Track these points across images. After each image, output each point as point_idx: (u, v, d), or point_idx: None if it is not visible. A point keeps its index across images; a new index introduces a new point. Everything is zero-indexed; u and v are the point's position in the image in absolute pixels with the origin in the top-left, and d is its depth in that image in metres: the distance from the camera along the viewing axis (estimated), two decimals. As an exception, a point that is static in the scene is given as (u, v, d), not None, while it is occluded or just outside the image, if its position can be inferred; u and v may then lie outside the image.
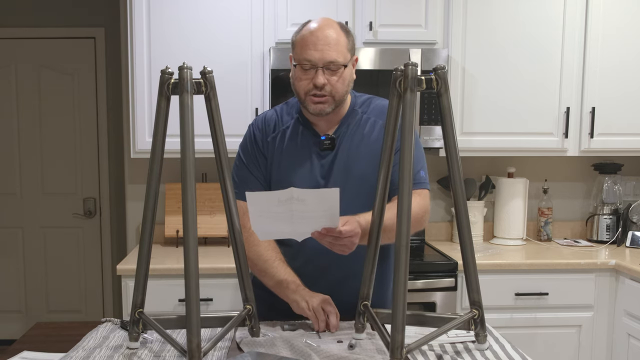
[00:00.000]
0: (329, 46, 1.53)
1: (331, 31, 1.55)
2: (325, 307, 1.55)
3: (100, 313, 4.02)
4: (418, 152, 1.65)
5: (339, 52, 1.54)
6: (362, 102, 1.70)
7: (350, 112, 1.67)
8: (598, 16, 2.78)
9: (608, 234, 3.04)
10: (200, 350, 1.19)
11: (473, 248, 1.38)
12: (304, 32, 1.57)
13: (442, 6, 2.74)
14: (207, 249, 2.83)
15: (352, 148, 1.64)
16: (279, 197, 1.29)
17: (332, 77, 1.55)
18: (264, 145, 1.69)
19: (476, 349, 1.40)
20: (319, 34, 1.54)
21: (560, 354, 2.64)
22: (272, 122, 1.71)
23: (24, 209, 3.97)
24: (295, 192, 1.28)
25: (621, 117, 2.83)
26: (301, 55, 1.55)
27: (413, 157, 1.21)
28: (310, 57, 1.53)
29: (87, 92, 3.90)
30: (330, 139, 1.64)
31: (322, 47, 1.53)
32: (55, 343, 1.45)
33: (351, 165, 1.63)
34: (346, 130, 1.66)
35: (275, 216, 1.32)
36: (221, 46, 2.69)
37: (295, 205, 1.30)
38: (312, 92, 1.56)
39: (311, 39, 1.54)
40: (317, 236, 1.38)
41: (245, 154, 1.71)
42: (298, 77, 1.57)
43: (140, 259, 1.37)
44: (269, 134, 1.69)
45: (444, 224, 3.19)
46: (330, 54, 1.53)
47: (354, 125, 1.66)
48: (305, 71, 1.55)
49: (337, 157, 1.64)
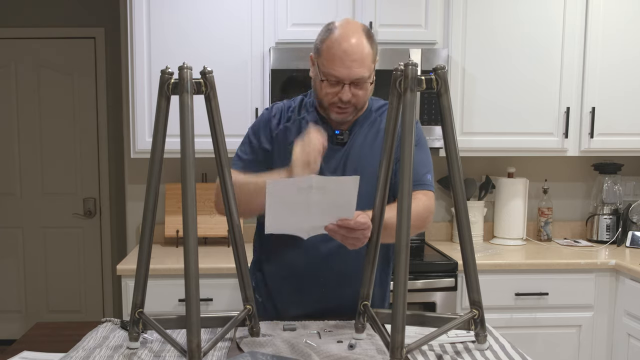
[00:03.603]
0: (356, 62, 1.51)
1: (358, 43, 1.52)
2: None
3: (100, 313, 4.01)
4: (425, 156, 1.66)
5: (365, 67, 1.53)
6: (378, 107, 1.71)
7: (367, 114, 1.68)
8: (598, 16, 2.78)
9: (608, 234, 3.04)
10: (200, 350, 1.19)
11: (473, 248, 1.38)
12: (331, 42, 1.53)
13: (442, 6, 2.74)
14: (207, 249, 2.83)
15: (365, 146, 1.65)
16: (298, 185, 1.29)
17: (358, 91, 1.55)
18: (278, 129, 1.67)
19: (476, 349, 1.40)
20: (346, 48, 1.50)
21: (560, 354, 2.64)
22: (289, 111, 1.70)
23: (24, 209, 3.97)
24: (315, 180, 1.28)
25: (621, 117, 2.83)
26: (328, 70, 1.53)
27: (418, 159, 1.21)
28: (338, 74, 1.52)
29: (87, 92, 3.90)
30: (344, 134, 1.65)
31: (350, 63, 1.51)
32: (55, 343, 1.45)
33: (362, 163, 1.64)
34: (359, 129, 1.67)
35: (291, 206, 1.31)
36: (221, 46, 2.69)
37: (314, 195, 1.30)
38: (337, 104, 1.57)
39: (338, 54, 1.51)
40: (330, 229, 1.37)
41: (254, 132, 1.70)
42: (324, 90, 1.57)
43: (140, 259, 1.37)
44: (283, 121, 1.68)
45: (444, 224, 3.19)
46: (358, 70, 1.52)
47: (367, 124, 1.68)
48: (331, 85, 1.55)
49: (349, 155, 1.65)
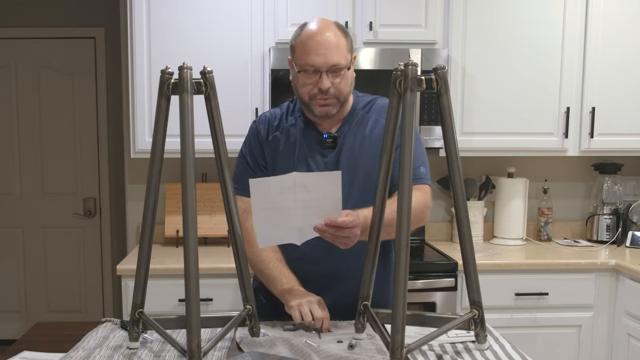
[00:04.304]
0: (330, 50, 1.53)
1: (330, 34, 1.55)
2: (315, 311, 1.52)
3: (100, 313, 4.01)
4: (419, 148, 1.66)
5: (341, 55, 1.55)
6: (365, 104, 1.71)
7: (352, 112, 1.68)
8: (598, 16, 2.77)
9: (608, 234, 3.04)
10: (200, 350, 1.19)
11: (473, 248, 1.38)
12: (303, 37, 1.57)
13: (442, 6, 2.74)
14: (207, 249, 2.83)
15: (356, 146, 1.65)
16: (281, 184, 1.30)
17: (336, 80, 1.56)
18: (267, 141, 1.69)
19: (476, 349, 1.40)
20: (319, 38, 1.54)
21: (560, 354, 2.64)
22: (276, 119, 1.71)
23: (24, 209, 3.97)
24: (298, 177, 1.30)
25: (621, 117, 2.83)
26: (303, 61, 1.55)
27: (413, 154, 1.22)
28: (313, 62, 1.54)
29: (87, 92, 3.90)
30: (333, 137, 1.65)
31: (324, 51, 1.53)
32: (55, 343, 1.45)
33: (355, 164, 1.64)
34: (348, 129, 1.66)
35: (278, 208, 1.32)
36: (221, 46, 2.69)
37: (299, 193, 1.31)
38: (318, 96, 1.57)
39: (312, 44, 1.54)
40: (319, 230, 1.38)
41: (248, 150, 1.72)
42: (302, 82, 1.58)
43: (140, 259, 1.37)
44: (272, 132, 1.70)
45: (444, 224, 3.19)
46: (333, 57, 1.53)
47: (355, 123, 1.67)
48: (308, 76, 1.56)
49: (340, 156, 1.65)
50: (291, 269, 1.66)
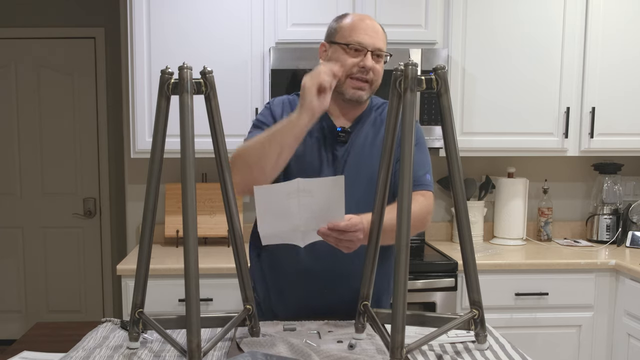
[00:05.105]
0: (378, 34, 1.61)
1: (376, 24, 1.64)
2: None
3: (100, 313, 4.02)
4: (424, 156, 1.67)
5: (384, 44, 1.63)
6: (378, 105, 1.73)
7: (367, 112, 1.70)
8: (598, 16, 2.78)
9: (608, 234, 3.04)
10: (200, 350, 1.19)
11: (473, 248, 1.38)
12: (353, 19, 1.63)
13: (442, 6, 2.74)
14: (207, 249, 2.83)
15: (366, 146, 1.66)
16: (286, 190, 1.31)
17: (377, 65, 1.61)
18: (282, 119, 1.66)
19: (476, 349, 1.40)
20: (368, 22, 1.62)
21: (560, 354, 2.64)
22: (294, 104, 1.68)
23: (24, 209, 3.97)
24: (301, 183, 1.31)
25: (621, 117, 2.83)
26: (352, 38, 1.59)
27: (417, 159, 1.22)
28: (362, 40, 1.59)
29: (87, 92, 3.90)
30: (346, 132, 1.66)
31: (372, 34, 1.60)
32: (55, 343, 1.45)
33: (361, 163, 1.64)
34: (361, 128, 1.68)
35: (282, 211, 1.33)
36: (221, 46, 2.69)
37: (303, 198, 1.32)
38: (357, 74, 1.60)
39: (362, 25, 1.61)
40: (323, 234, 1.38)
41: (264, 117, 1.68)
42: (343, 58, 1.60)
43: (140, 259, 1.37)
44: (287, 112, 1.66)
45: (444, 224, 3.19)
46: (379, 42, 1.61)
47: (368, 123, 1.68)
48: (353, 52, 1.59)
49: (349, 153, 1.65)
50: (291, 267, 1.66)
